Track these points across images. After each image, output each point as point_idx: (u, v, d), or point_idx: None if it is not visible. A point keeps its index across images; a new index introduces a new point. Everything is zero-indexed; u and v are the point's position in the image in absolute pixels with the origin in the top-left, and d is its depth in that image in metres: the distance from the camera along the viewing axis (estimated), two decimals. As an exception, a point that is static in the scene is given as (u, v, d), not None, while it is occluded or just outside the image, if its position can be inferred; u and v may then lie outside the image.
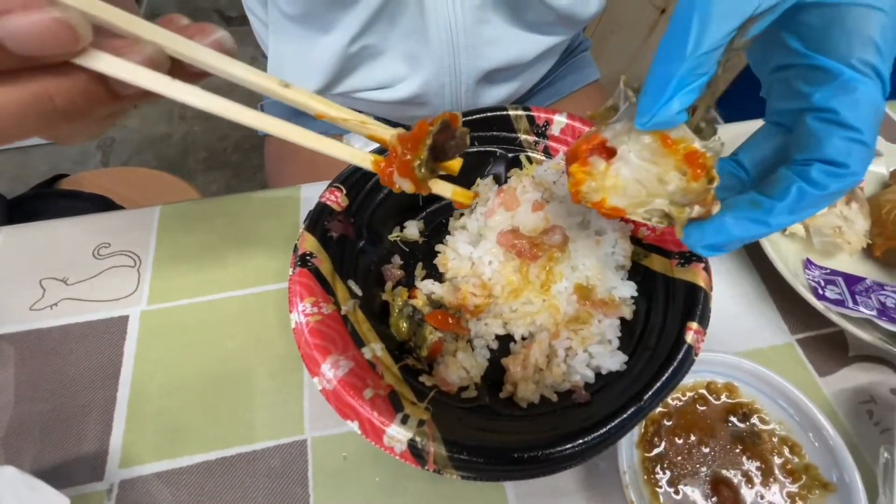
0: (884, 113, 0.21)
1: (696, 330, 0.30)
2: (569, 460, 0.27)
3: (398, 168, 0.25)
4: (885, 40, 0.20)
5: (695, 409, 0.35)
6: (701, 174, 0.23)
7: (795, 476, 0.32)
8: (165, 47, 0.20)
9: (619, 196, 0.25)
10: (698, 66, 0.20)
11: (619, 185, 0.24)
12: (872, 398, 0.37)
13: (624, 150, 0.24)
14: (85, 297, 0.39)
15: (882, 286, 0.39)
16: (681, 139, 0.23)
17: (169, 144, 1.64)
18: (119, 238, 0.42)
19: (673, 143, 0.23)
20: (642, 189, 0.24)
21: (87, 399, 0.35)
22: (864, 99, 0.20)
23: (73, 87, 0.18)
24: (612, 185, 0.24)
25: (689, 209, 0.24)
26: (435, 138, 0.25)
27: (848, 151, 0.21)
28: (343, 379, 0.28)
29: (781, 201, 0.22)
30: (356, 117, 0.25)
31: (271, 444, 0.34)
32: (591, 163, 0.25)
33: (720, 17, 0.19)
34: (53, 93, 0.18)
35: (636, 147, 0.23)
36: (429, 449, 0.27)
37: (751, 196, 0.24)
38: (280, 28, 0.53)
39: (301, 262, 0.32)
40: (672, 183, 0.23)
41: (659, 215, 0.25)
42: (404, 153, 0.25)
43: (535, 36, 0.56)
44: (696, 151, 0.22)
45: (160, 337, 0.38)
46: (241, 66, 0.22)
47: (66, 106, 0.18)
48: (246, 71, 0.22)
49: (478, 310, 0.34)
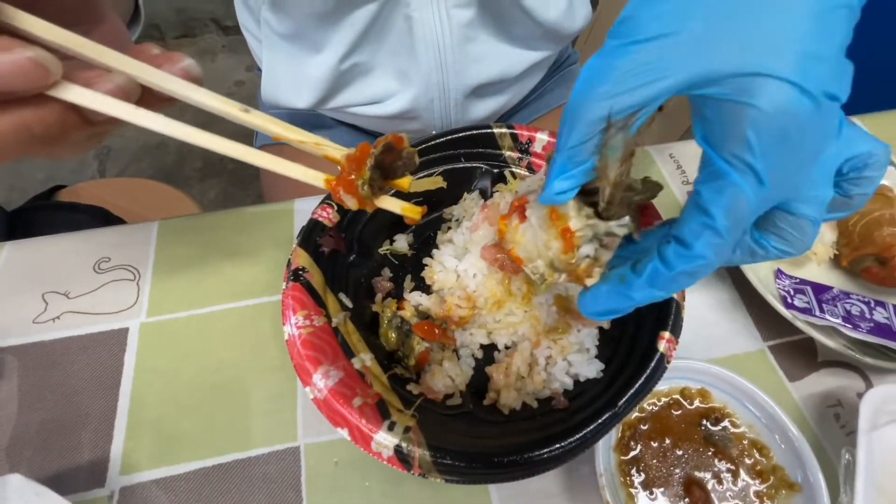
0: (754, 207, 0.21)
1: (668, 339, 0.32)
2: (547, 463, 0.29)
3: (343, 186, 0.27)
4: (759, 136, 0.20)
5: (669, 413, 0.36)
6: (569, 249, 0.26)
7: (764, 477, 0.34)
8: (135, 76, 0.22)
9: (522, 249, 0.29)
10: (573, 157, 0.23)
11: (522, 241, 0.29)
12: (839, 402, 0.39)
13: (530, 212, 0.29)
14: (86, 310, 0.41)
15: (848, 294, 0.41)
16: (564, 215, 0.26)
17: (165, 153, 1.66)
18: (119, 252, 0.44)
19: (557, 218, 0.27)
20: (534, 249, 0.29)
21: (89, 408, 0.37)
22: (726, 189, 0.21)
23: (47, 117, 0.20)
24: (519, 239, 0.29)
25: (559, 276, 0.28)
26: (379, 158, 0.27)
27: (697, 234, 0.22)
28: (333, 388, 0.30)
29: (639, 277, 0.24)
30: (312, 139, 0.27)
31: (266, 451, 0.36)
32: (511, 219, 0.30)
33: (580, 122, 0.21)
34: (30, 122, 0.20)
35: (538, 213, 0.28)
36: (414, 454, 0.28)
37: (623, 270, 0.26)
38: (273, 45, 0.55)
39: (294, 277, 0.34)
40: (552, 250, 0.28)
41: (539, 274, 0.29)
42: (350, 172, 0.27)
43: (522, 51, 0.58)
44: (568, 229, 0.26)
45: (159, 348, 0.39)
46: (203, 93, 0.24)
47: (43, 133, 0.20)
48: (208, 97, 0.24)
49: (463, 321, 0.36)
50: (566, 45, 0.71)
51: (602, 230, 0.26)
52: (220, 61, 1.87)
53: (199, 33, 1.93)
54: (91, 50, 0.21)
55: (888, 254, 0.40)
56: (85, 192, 0.96)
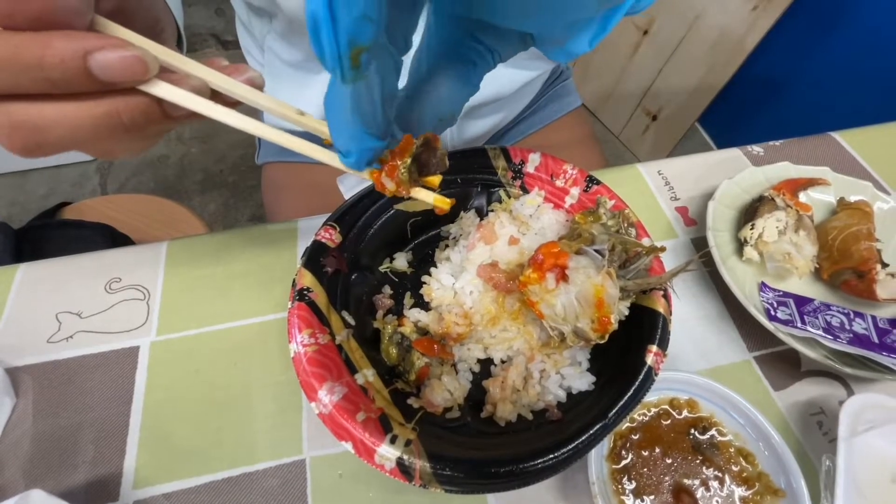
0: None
1: (655, 352, 0.34)
2: (542, 473, 0.30)
3: (387, 170, 0.29)
4: None
5: (659, 423, 0.38)
6: (600, 332, 0.33)
7: (749, 483, 0.36)
8: (208, 81, 0.26)
9: (547, 307, 0.34)
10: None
11: (552, 301, 0.33)
12: (822, 410, 0.41)
13: (571, 287, 0.33)
14: (98, 329, 0.42)
15: (829, 306, 0.43)
16: (610, 308, 0.32)
17: (166, 166, 1.68)
18: (129, 273, 0.45)
19: (602, 307, 0.32)
20: (563, 312, 0.34)
21: (103, 425, 0.38)
22: None
23: (136, 107, 0.23)
24: (548, 298, 0.34)
25: (578, 341, 0.34)
26: (418, 151, 0.29)
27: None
28: (338, 404, 0.31)
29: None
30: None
31: (273, 465, 0.37)
32: (547, 277, 0.33)
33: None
34: (122, 111, 0.22)
35: (581, 290, 0.33)
36: (415, 466, 0.30)
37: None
38: (276, 71, 0.57)
39: (299, 297, 0.36)
40: (581, 323, 0.33)
41: (558, 333, 0.34)
42: (394, 159, 0.29)
43: (515, 71, 0.60)
44: (610, 321, 0.32)
45: (169, 365, 0.41)
46: (265, 97, 0.27)
47: (129, 122, 0.23)
48: (269, 101, 0.28)
49: (461, 337, 0.38)
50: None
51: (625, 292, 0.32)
52: (219, 75, 1.89)
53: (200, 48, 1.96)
54: (173, 57, 0.24)
55: (865, 267, 0.42)
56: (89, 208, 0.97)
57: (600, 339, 0.34)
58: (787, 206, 0.45)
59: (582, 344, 0.35)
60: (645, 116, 1.69)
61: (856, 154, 0.57)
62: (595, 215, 0.39)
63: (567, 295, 0.34)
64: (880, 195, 0.48)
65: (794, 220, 0.45)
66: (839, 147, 0.58)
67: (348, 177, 0.60)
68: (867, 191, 0.48)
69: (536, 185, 0.45)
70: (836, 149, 0.58)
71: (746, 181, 0.49)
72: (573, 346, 0.37)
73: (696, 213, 0.52)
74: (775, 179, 0.49)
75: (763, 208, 0.45)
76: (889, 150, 0.57)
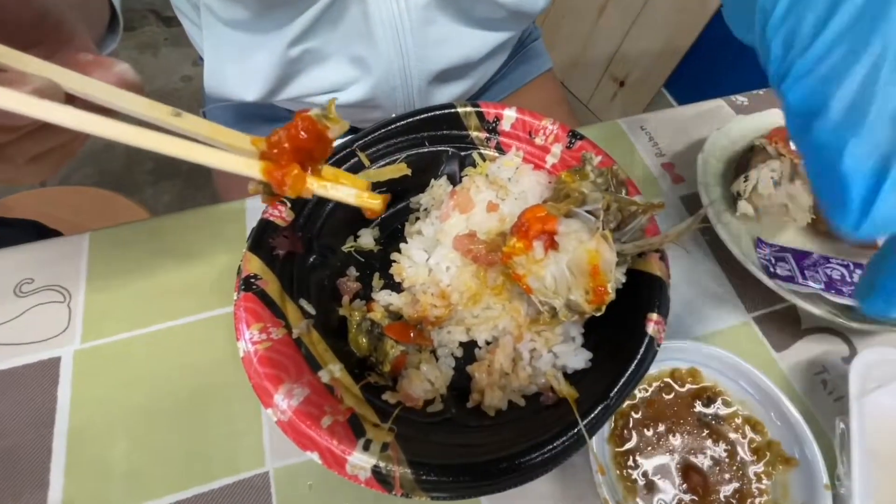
0: None
1: (656, 321, 0.30)
2: (541, 467, 0.26)
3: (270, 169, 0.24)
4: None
5: (661, 398, 0.35)
6: (596, 304, 0.29)
7: (760, 454, 0.33)
8: (59, 82, 0.19)
9: (535, 280, 0.30)
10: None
11: (541, 273, 0.30)
12: (825, 368, 0.39)
13: (561, 255, 0.29)
14: (8, 340, 0.36)
15: (828, 259, 0.41)
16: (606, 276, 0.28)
17: (112, 157, 1.54)
18: (44, 271, 0.38)
19: (598, 275, 0.28)
20: (554, 284, 0.30)
21: (19, 455, 0.32)
22: None
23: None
24: (536, 270, 0.30)
25: (572, 315, 0.30)
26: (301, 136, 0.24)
27: None
28: (298, 409, 0.27)
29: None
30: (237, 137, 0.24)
31: (231, 481, 0.32)
32: (534, 246, 0.29)
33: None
34: None
35: (573, 257, 0.29)
36: (394, 473, 0.25)
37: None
38: (215, 33, 0.50)
39: (245, 286, 0.30)
40: (574, 295, 0.29)
41: (549, 308, 0.30)
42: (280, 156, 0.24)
43: (484, 33, 0.55)
44: (607, 290, 0.28)
45: (98, 376, 0.35)
46: (130, 97, 0.21)
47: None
48: (134, 102, 0.21)
49: (439, 320, 0.33)
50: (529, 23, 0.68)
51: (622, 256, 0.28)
52: (163, 56, 1.75)
53: (138, 26, 1.80)
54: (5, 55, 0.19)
55: (865, 215, 0.39)
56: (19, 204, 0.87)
57: (596, 311, 0.30)
58: (781, 154, 0.42)
59: (575, 318, 0.31)
60: (612, 83, 1.67)
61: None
62: (581, 173, 0.34)
63: (557, 264, 0.30)
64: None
65: (788, 169, 0.42)
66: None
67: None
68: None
69: (514, 144, 0.40)
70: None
71: (735, 131, 0.46)
72: (565, 321, 0.33)
73: (683, 169, 0.48)
74: (764, 128, 0.46)
75: (756, 159, 0.42)
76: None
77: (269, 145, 0.24)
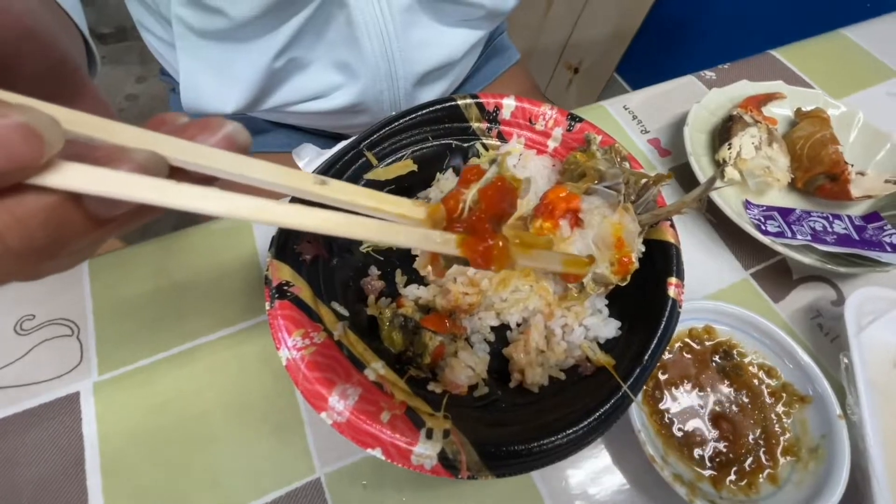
0: None
1: (675, 284, 0.32)
2: (596, 431, 0.27)
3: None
4: None
5: (683, 357, 0.37)
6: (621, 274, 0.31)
7: (777, 396, 0.36)
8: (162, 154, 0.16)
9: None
10: None
11: (569, 251, 0.31)
12: (819, 313, 0.42)
13: (587, 231, 0.31)
14: (16, 382, 0.33)
15: (809, 213, 0.44)
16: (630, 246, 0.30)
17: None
18: (44, 306, 0.36)
19: (622, 246, 0.30)
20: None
21: (53, 498, 0.30)
22: None
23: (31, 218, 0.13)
24: (563, 248, 0.31)
25: (598, 288, 0.32)
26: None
27: None
28: (355, 408, 0.27)
29: None
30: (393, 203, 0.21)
31: (283, 492, 0.32)
32: (560, 225, 0.31)
33: None
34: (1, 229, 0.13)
35: (598, 232, 0.31)
36: (460, 458, 0.26)
37: None
38: (190, 45, 0.48)
39: (279, 294, 0.30)
40: (601, 268, 0.31)
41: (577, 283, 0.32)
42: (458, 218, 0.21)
43: (464, 31, 0.56)
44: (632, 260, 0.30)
45: (123, 407, 0.33)
46: (259, 165, 0.17)
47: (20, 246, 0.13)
48: (267, 171, 0.17)
49: (471, 307, 0.34)
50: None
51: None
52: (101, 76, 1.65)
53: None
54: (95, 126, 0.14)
55: (837, 169, 0.43)
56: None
57: (622, 281, 0.31)
58: (757, 121, 0.45)
59: (601, 290, 0.33)
60: (567, 70, 1.72)
61: (794, 68, 0.59)
62: (589, 153, 0.36)
63: (584, 240, 0.31)
64: (831, 101, 0.50)
65: (765, 134, 0.45)
66: (780, 63, 0.60)
67: (305, 148, 0.53)
68: (819, 99, 0.50)
69: (515, 132, 0.41)
70: (778, 66, 0.59)
71: (713, 103, 0.49)
72: (592, 295, 0.34)
73: (669, 143, 0.51)
74: (737, 98, 0.49)
75: (736, 127, 0.45)
76: (823, 61, 0.60)
77: (448, 211, 0.20)
